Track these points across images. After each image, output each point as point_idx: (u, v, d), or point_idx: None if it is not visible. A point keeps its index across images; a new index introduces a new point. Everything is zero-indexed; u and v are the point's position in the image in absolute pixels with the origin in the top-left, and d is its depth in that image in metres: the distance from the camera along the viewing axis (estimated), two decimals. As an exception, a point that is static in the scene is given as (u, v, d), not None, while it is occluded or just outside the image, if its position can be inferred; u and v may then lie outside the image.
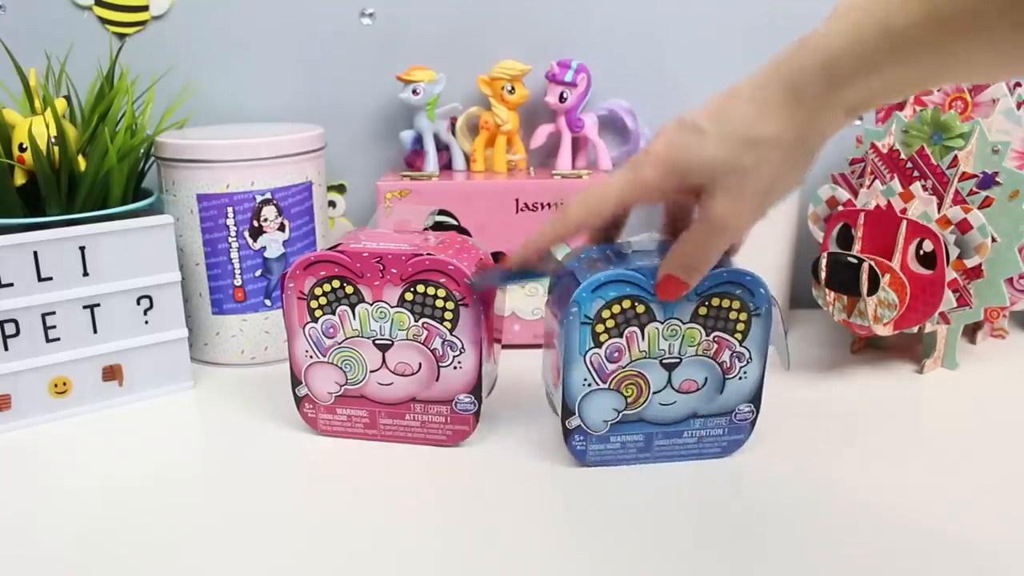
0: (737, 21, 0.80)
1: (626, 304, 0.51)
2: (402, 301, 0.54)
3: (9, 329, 0.60)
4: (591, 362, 0.52)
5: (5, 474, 0.55)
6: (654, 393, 0.53)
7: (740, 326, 0.52)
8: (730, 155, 0.42)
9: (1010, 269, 0.66)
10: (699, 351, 0.52)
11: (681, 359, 0.52)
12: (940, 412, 0.63)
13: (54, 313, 0.61)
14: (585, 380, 0.52)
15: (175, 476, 0.54)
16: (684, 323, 0.51)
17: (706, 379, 0.53)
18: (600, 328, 0.51)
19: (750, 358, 0.53)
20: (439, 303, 0.54)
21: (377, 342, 0.55)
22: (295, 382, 0.57)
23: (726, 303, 0.51)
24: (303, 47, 0.80)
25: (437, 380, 0.56)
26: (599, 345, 0.51)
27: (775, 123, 0.41)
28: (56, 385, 0.62)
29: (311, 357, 0.56)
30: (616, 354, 0.52)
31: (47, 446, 0.59)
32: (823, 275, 0.65)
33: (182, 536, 0.48)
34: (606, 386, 0.52)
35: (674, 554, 0.45)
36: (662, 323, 0.51)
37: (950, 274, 0.64)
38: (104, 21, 0.78)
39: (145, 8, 0.78)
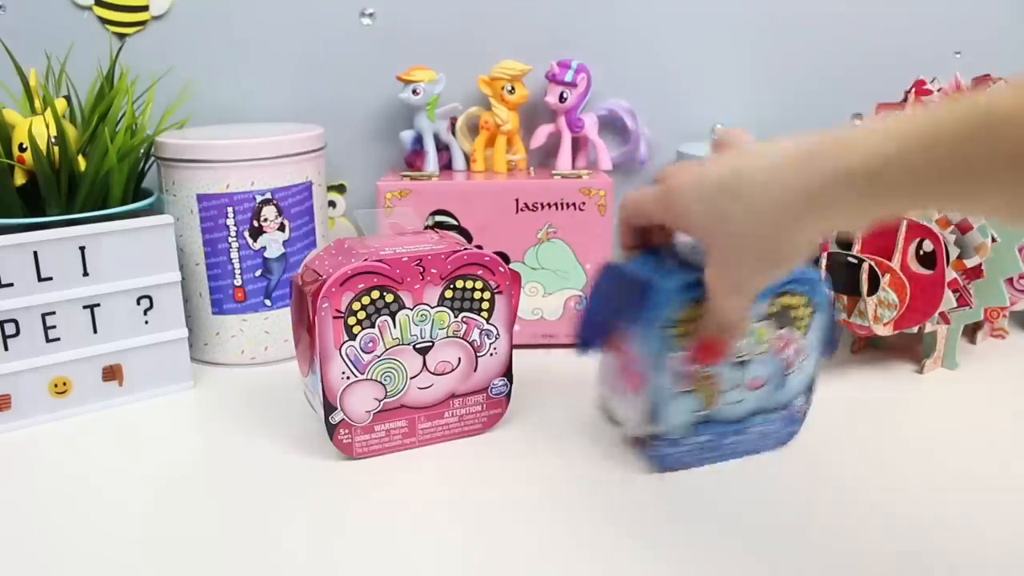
0: (737, 21, 0.80)
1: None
2: (442, 299, 0.54)
3: (9, 329, 0.60)
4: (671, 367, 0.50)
5: (5, 474, 0.55)
6: (724, 393, 0.53)
7: (802, 322, 0.52)
8: (738, 225, 0.41)
9: (1010, 269, 0.66)
10: (765, 349, 0.52)
11: (751, 359, 0.52)
12: (940, 412, 0.63)
13: (54, 313, 0.61)
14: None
15: (175, 476, 0.54)
16: (755, 323, 0.51)
17: (769, 377, 0.53)
18: (678, 331, 0.49)
19: (808, 354, 0.54)
20: (476, 295, 0.55)
21: (418, 346, 0.55)
22: (329, 409, 0.54)
23: (793, 301, 0.52)
24: (303, 47, 0.80)
25: (475, 371, 0.57)
26: (675, 351, 0.50)
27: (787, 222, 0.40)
28: (56, 385, 0.62)
29: (348, 378, 0.53)
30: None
31: (47, 446, 0.59)
32: (823, 275, 0.65)
33: (182, 536, 0.48)
34: (685, 389, 0.51)
35: (675, 556, 0.45)
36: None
37: (950, 274, 0.64)
38: (104, 21, 0.78)
39: (145, 8, 0.78)
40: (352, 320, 0.52)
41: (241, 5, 0.79)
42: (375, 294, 0.53)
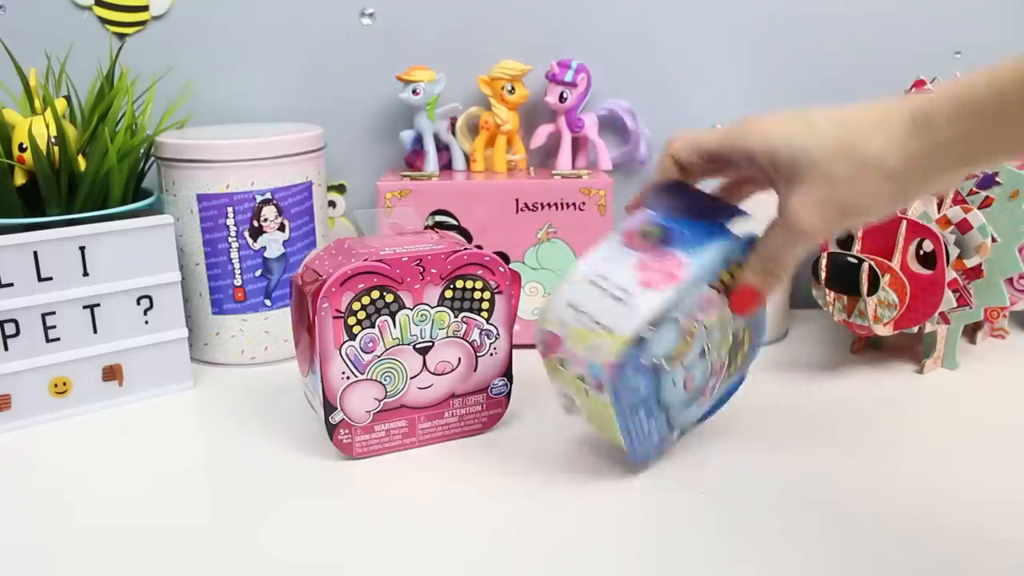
0: (737, 21, 0.80)
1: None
2: (442, 299, 0.55)
3: (9, 329, 0.60)
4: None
5: (5, 474, 0.55)
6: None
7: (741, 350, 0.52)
8: (829, 155, 0.41)
9: (1010, 269, 0.66)
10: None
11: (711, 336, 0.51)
12: (940, 412, 0.63)
13: (54, 313, 0.61)
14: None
15: (175, 476, 0.54)
16: None
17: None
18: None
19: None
20: (477, 295, 0.55)
21: (418, 346, 0.55)
22: (329, 409, 0.54)
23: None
24: (303, 47, 0.80)
25: (475, 371, 0.57)
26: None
27: (886, 142, 0.40)
28: (56, 385, 0.62)
29: (348, 378, 0.53)
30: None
31: (47, 446, 0.59)
32: (823, 275, 0.65)
33: (182, 536, 0.48)
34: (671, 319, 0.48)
35: (675, 556, 0.45)
36: None
37: (950, 274, 0.64)
38: (104, 21, 0.78)
39: (145, 8, 0.78)
40: (352, 320, 0.52)
41: (241, 5, 0.78)
42: (375, 294, 0.53)
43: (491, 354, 0.57)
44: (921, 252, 0.64)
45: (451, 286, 0.55)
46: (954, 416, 0.62)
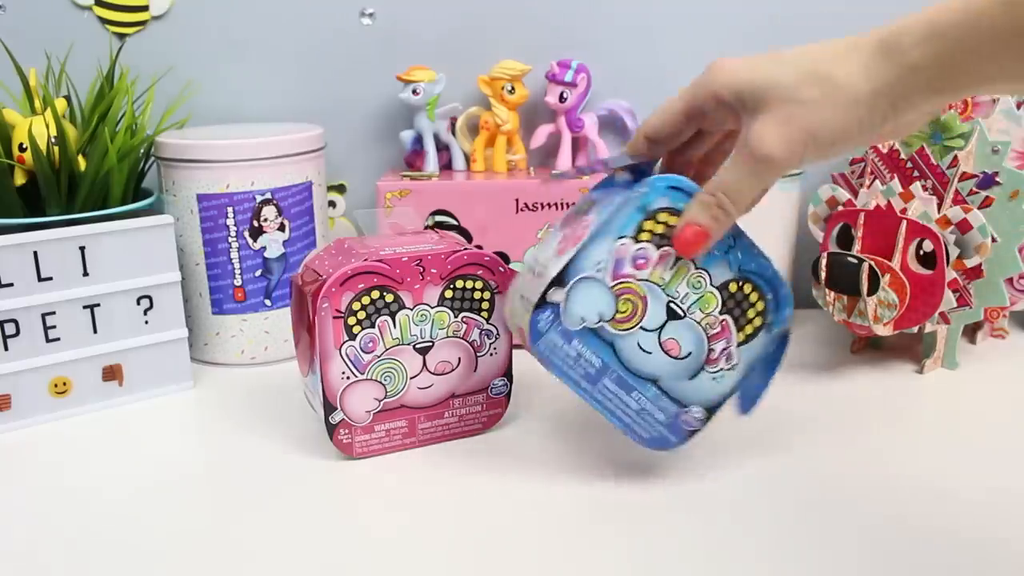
0: (737, 21, 0.80)
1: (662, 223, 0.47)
2: (442, 299, 0.55)
3: (9, 329, 0.60)
4: (618, 250, 0.47)
5: (5, 474, 0.55)
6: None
7: (750, 323, 0.51)
8: (793, 81, 0.40)
9: (1010, 269, 0.66)
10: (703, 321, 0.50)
11: (680, 315, 0.49)
12: (940, 412, 0.63)
13: (54, 313, 0.61)
14: (600, 263, 0.47)
15: (175, 476, 0.54)
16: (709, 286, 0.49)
17: (690, 351, 0.50)
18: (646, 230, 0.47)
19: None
20: (477, 295, 0.55)
21: (418, 346, 0.55)
22: (329, 409, 0.54)
23: (741, 287, 0.50)
24: (303, 47, 0.80)
25: (475, 371, 0.57)
26: (637, 241, 0.47)
27: (853, 68, 0.39)
28: (56, 385, 0.62)
29: (348, 378, 0.53)
30: (642, 261, 0.48)
31: (47, 446, 0.59)
32: (823, 275, 0.65)
33: (181, 536, 0.48)
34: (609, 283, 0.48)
35: (675, 556, 0.45)
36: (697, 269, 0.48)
37: (950, 274, 0.64)
38: (104, 21, 0.78)
39: (145, 8, 0.78)
40: (352, 320, 0.52)
41: (241, 5, 0.78)
42: (375, 294, 0.53)
43: (491, 354, 0.57)
44: (921, 252, 0.64)
45: (451, 286, 0.55)
46: (954, 416, 0.62)
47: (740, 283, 0.50)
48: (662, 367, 0.50)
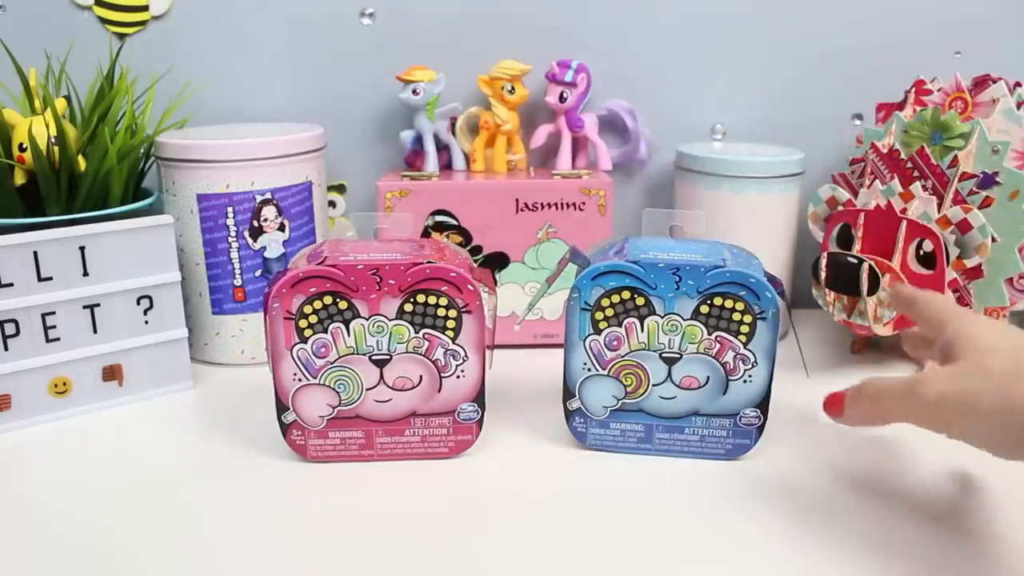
0: (737, 21, 0.80)
1: (625, 295, 0.52)
2: (401, 313, 0.52)
3: (9, 329, 0.60)
4: (591, 348, 0.53)
5: (5, 474, 0.55)
6: (654, 386, 0.54)
7: (744, 328, 0.52)
8: (996, 356, 0.41)
9: (1010, 269, 0.66)
10: (699, 349, 0.52)
11: (681, 355, 0.53)
12: (940, 412, 0.63)
13: (54, 313, 0.61)
14: (585, 364, 0.54)
15: (175, 476, 0.54)
16: (684, 320, 0.52)
17: (708, 378, 0.53)
18: (600, 316, 0.53)
19: (755, 362, 0.53)
20: (440, 312, 0.53)
21: (374, 358, 0.53)
22: (281, 408, 0.54)
23: (729, 303, 0.51)
24: (303, 47, 0.80)
25: (439, 391, 0.54)
26: (598, 332, 0.53)
27: None
28: (56, 385, 0.62)
29: (300, 380, 0.53)
30: (615, 343, 0.53)
31: (47, 446, 0.59)
32: (823, 275, 0.65)
33: (182, 536, 0.48)
34: (605, 373, 0.54)
35: (671, 551, 0.45)
36: (662, 318, 0.52)
37: (950, 274, 0.64)
38: (104, 21, 0.78)
39: (145, 8, 0.78)
40: (304, 323, 0.52)
41: (241, 5, 0.79)
42: (327, 299, 0.52)
43: (458, 376, 0.54)
44: (921, 252, 0.64)
45: (411, 300, 0.52)
46: (954, 416, 0.62)
47: (709, 301, 0.52)
48: (693, 401, 0.54)
